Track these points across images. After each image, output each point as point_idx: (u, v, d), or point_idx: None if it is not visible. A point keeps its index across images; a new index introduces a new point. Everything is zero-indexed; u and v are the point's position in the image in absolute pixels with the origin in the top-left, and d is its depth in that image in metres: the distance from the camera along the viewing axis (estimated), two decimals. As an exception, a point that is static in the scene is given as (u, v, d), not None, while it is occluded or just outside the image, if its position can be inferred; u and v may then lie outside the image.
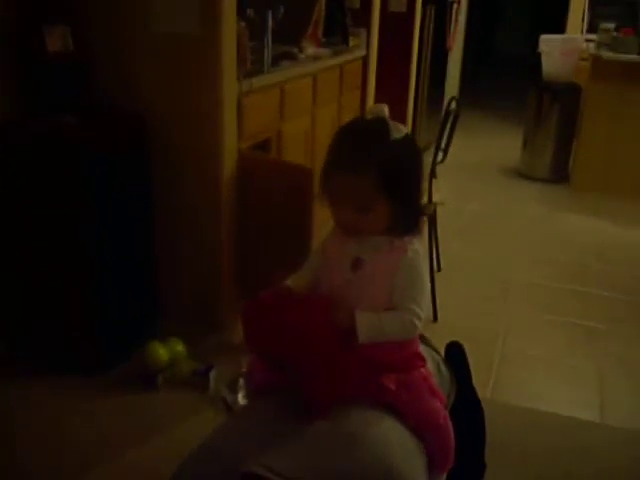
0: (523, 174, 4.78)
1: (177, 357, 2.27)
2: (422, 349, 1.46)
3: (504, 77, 8.96)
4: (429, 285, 1.41)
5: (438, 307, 2.73)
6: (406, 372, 1.38)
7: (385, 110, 1.34)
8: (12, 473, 1.86)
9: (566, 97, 4.57)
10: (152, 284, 2.47)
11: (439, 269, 3.11)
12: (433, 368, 1.53)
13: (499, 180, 4.77)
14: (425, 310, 1.39)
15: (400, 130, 1.30)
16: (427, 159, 4.79)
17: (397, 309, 1.37)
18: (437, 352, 1.64)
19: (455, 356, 1.76)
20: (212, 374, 2.22)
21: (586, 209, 4.22)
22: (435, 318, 2.72)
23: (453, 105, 2.76)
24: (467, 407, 1.68)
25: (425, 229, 2.78)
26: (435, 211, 2.81)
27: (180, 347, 2.29)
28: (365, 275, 1.38)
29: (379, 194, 1.29)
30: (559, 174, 4.68)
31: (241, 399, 2.12)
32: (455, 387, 1.57)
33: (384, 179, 1.27)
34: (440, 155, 2.72)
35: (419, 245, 1.41)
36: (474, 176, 4.77)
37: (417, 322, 1.35)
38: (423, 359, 1.44)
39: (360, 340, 1.32)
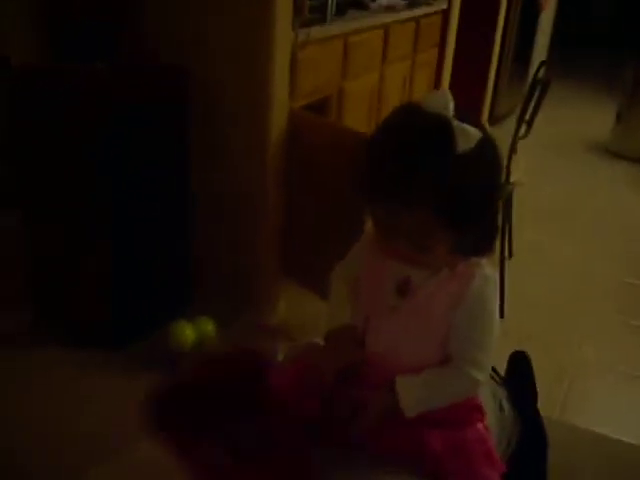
0: (613, 152, 4.31)
1: (205, 338, 2.03)
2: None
3: (600, 44, 8.28)
4: (498, 323, 1.09)
5: (506, 301, 2.41)
6: (458, 429, 1.09)
7: (449, 101, 0.96)
8: (15, 460, 1.65)
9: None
10: (185, 252, 2.23)
11: (510, 256, 2.76)
12: (494, 406, 1.24)
13: (585, 158, 4.31)
14: (491, 358, 1.09)
15: (469, 136, 0.94)
16: (507, 130, 4.42)
17: (454, 359, 1.07)
18: (500, 380, 1.34)
19: (520, 373, 1.45)
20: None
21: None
22: (501, 315, 2.39)
23: (542, 72, 2.39)
24: (529, 444, 1.36)
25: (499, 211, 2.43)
26: (512, 192, 2.46)
27: (210, 327, 2.05)
28: (417, 304, 1.08)
29: (440, 229, 0.98)
30: (654, 155, 4.20)
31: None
32: (519, 429, 1.27)
33: (447, 212, 0.95)
34: (523, 128, 2.35)
35: (490, 269, 1.09)
36: (557, 152, 4.32)
37: (480, 377, 1.07)
38: (482, 412, 1.14)
39: (407, 416, 1.06)
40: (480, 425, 1.12)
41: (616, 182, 3.92)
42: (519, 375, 1.44)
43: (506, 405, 1.28)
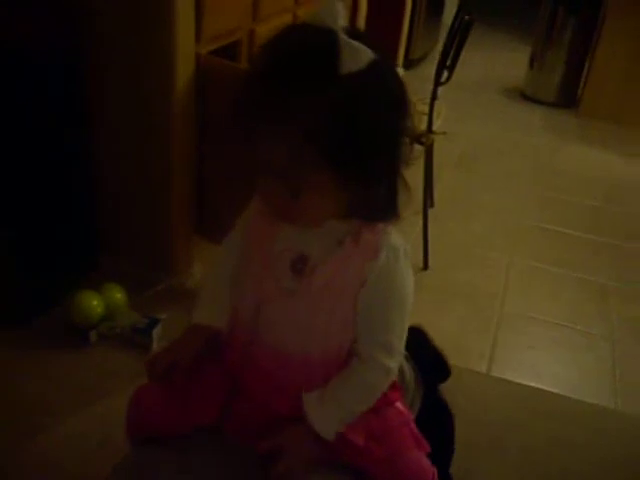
0: (528, 96, 4.30)
1: (115, 307, 1.86)
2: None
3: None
4: (411, 300, 0.96)
5: (430, 251, 2.35)
6: (378, 415, 0.99)
7: (338, 13, 0.80)
8: None
9: (584, 10, 4.03)
10: (89, 215, 2.04)
11: (432, 205, 2.70)
12: None
13: (501, 102, 4.28)
14: (403, 342, 0.97)
15: (358, 55, 0.79)
16: (423, 71, 4.34)
17: (359, 347, 0.95)
18: None
19: (418, 347, 1.34)
20: (155, 332, 1.83)
21: (596, 140, 3.78)
22: (425, 266, 2.34)
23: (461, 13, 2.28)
24: (432, 411, 1.28)
25: (421, 160, 2.34)
26: (433, 141, 2.37)
27: (119, 295, 1.89)
28: (317, 285, 0.92)
29: (317, 166, 0.81)
30: (568, 98, 4.20)
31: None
32: (422, 390, 1.22)
33: (325, 143, 0.79)
34: (444, 74, 2.25)
35: (398, 237, 0.94)
36: (472, 97, 4.26)
37: (392, 363, 0.96)
38: (398, 388, 1.05)
39: (328, 439, 0.94)
40: (399, 404, 1.03)
41: (531, 126, 3.91)
42: (417, 348, 1.32)
43: (406, 366, 1.21)
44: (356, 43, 0.80)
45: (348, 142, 0.80)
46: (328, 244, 0.92)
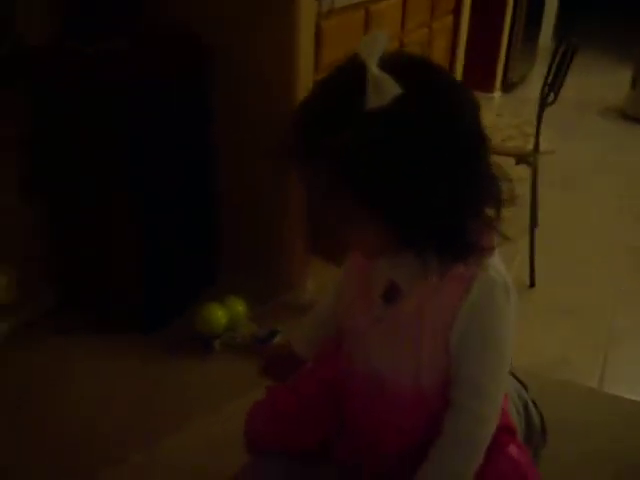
0: (630, 116, 4.24)
1: (237, 319, 2.00)
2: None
3: (615, 6, 8.09)
4: (511, 339, 0.89)
5: (536, 269, 2.38)
6: (486, 461, 0.92)
7: (377, 45, 0.77)
8: (45, 442, 1.63)
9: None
10: (212, 232, 2.19)
11: (536, 225, 2.71)
12: (520, 408, 1.12)
13: (602, 122, 4.24)
14: (500, 387, 0.91)
15: (383, 90, 0.74)
16: (522, 93, 4.34)
17: (454, 396, 0.90)
18: (522, 383, 1.20)
19: None
20: (276, 342, 1.95)
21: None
22: (532, 283, 2.36)
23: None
24: None
25: (528, 180, 2.37)
26: (537, 162, 2.40)
27: (241, 307, 2.02)
28: (402, 314, 0.90)
29: (351, 202, 0.80)
30: (672, 117, 4.12)
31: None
32: (546, 438, 1.18)
33: (351, 181, 0.77)
34: (550, 96, 2.28)
35: (498, 270, 0.87)
36: (574, 117, 4.23)
37: (488, 410, 0.90)
38: (512, 430, 1.00)
39: None
40: (512, 448, 0.97)
41: (635, 146, 3.85)
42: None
43: (533, 410, 1.16)
44: (384, 76, 0.75)
45: (373, 179, 0.77)
46: (415, 274, 0.88)
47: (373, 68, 0.75)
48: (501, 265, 0.90)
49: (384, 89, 0.74)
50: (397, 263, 0.90)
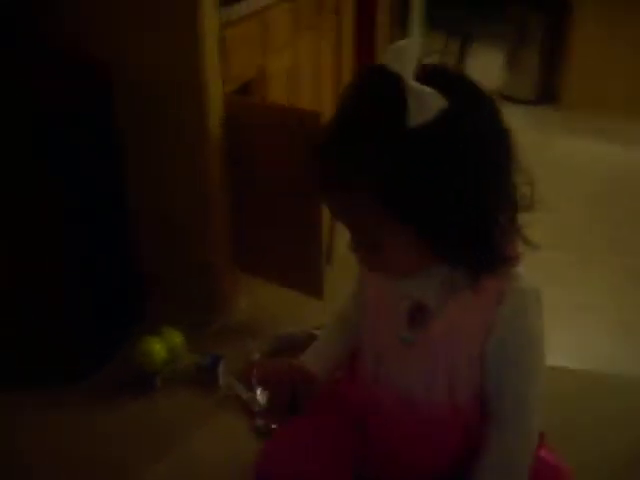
0: (507, 96, 4.42)
1: (176, 351, 1.89)
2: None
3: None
4: (544, 350, 0.89)
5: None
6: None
7: (410, 56, 0.74)
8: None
9: (553, 7, 4.18)
10: (132, 265, 2.07)
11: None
12: None
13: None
14: (540, 400, 0.90)
15: (425, 106, 0.71)
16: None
17: (493, 415, 0.89)
18: None
19: None
20: (220, 368, 1.86)
21: (583, 130, 3.87)
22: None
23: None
24: None
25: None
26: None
27: (178, 338, 1.91)
28: (433, 336, 0.87)
29: (388, 223, 0.77)
30: (547, 94, 4.33)
31: (260, 395, 1.79)
32: None
33: (392, 201, 0.75)
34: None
35: (529, 280, 0.87)
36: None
37: (530, 426, 0.89)
38: (541, 437, 0.98)
39: None
40: (543, 452, 0.97)
41: (516, 125, 3.96)
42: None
43: None
44: (426, 89, 0.72)
45: (416, 199, 0.75)
46: (444, 292, 0.86)
47: (411, 81, 0.72)
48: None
49: (427, 104, 0.72)
50: (422, 283, 0.87)
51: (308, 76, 2.79)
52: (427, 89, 0.72)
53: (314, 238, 1.97)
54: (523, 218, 0.86)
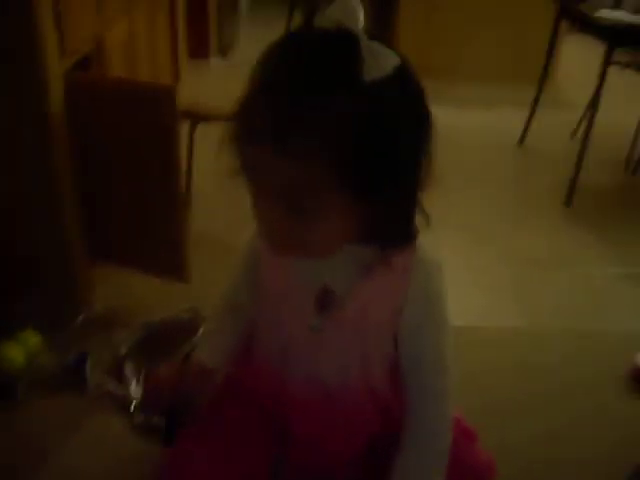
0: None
1: (34, 353, 1.74)
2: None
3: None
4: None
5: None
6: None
7: (356, 10, 0.71)
8: None
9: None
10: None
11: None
12: None
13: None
14: (453, 359, 0.91)
15: (383, 59, 0.70)
16: (241, 57, 4.34)
17: (410, 389, 0.88)
18: None
19: None
20: (87, 365, 1.74)
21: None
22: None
23: None
24: None
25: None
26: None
27: (35, 338, 1.76)
28: (346, 321, 0.85)
29: (329, 184, 0.71)
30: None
31: (135, 389, 1.69)
32: None
33: (343, 158, 0.70)
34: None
35: (430, 250, 0.86)
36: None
37: (449, 385, 0.90)
38: (472, 433, 1.02)
39: None
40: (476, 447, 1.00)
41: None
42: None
43: None
44: (380, 46, 0.71)
45: (369, 157, 0.71)
46: (353, 273, 0.83)
47: (364, 37, 0.70)
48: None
49: (385, 59, 0.70)
50: (331, 265, 0.84)
51: (145, 49, 2.65)
52: (382, 46, 0.71)
53: (174, 219, 1.89)
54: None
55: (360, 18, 0.71)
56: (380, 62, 0.70)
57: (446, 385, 0.90)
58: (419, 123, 0.76)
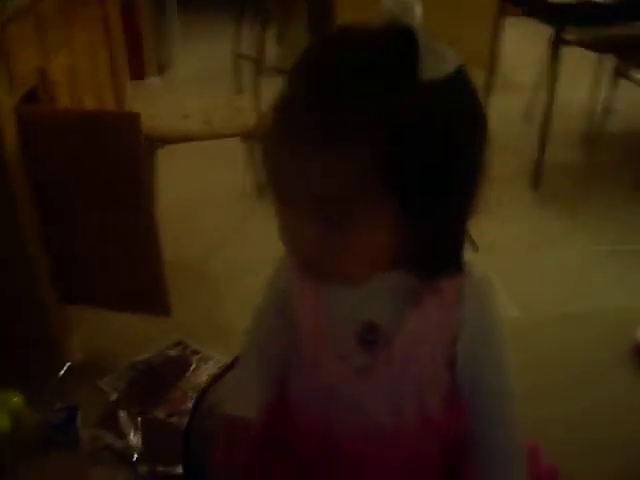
0: (285, 71, 4.41)
1: (18, 414, 1.61)
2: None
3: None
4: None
5: None
6: None
7: (413, 4, 0.64)
8: None
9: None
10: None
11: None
12: None
13: (265, 82, 4.33)
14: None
15: (443, 59, 0.64)
16: (181, 74, 4.20)
17: (478, 417, 0.80)
18: None
19: None
20: (78, 420, 1.61)
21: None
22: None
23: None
24: None
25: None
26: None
27: (17, 398, 1.63)
28: (397, 358, 0.76)
29: (376, 196, 0.64)
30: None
31: (134, 439, 1.57)
32: None
33: (394, 167, 0.63)
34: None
35: (477, 267, 0.78)
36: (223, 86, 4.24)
37: (518, 419, 0.82)
38: (538, 450, 0.96)
39: None
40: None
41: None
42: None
43: None
44: (439, 43, 0.64)
45: (420, 164, 0.64)
46: (400, 304, 0.75)
47: (423, 34, 0.63)
48: None
49: (445, 59, 0.64)
50: (371, 298, 0.76)
51: (87, 78, 2.52)
52: (442, 45, 0.65)
53: (150, 250, 1.77)
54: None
55: (417, 12, 0.65)
56: (439, 61, 0.64)
57: (513, 411, 0.82)
58: (476, 130, 0.69)
